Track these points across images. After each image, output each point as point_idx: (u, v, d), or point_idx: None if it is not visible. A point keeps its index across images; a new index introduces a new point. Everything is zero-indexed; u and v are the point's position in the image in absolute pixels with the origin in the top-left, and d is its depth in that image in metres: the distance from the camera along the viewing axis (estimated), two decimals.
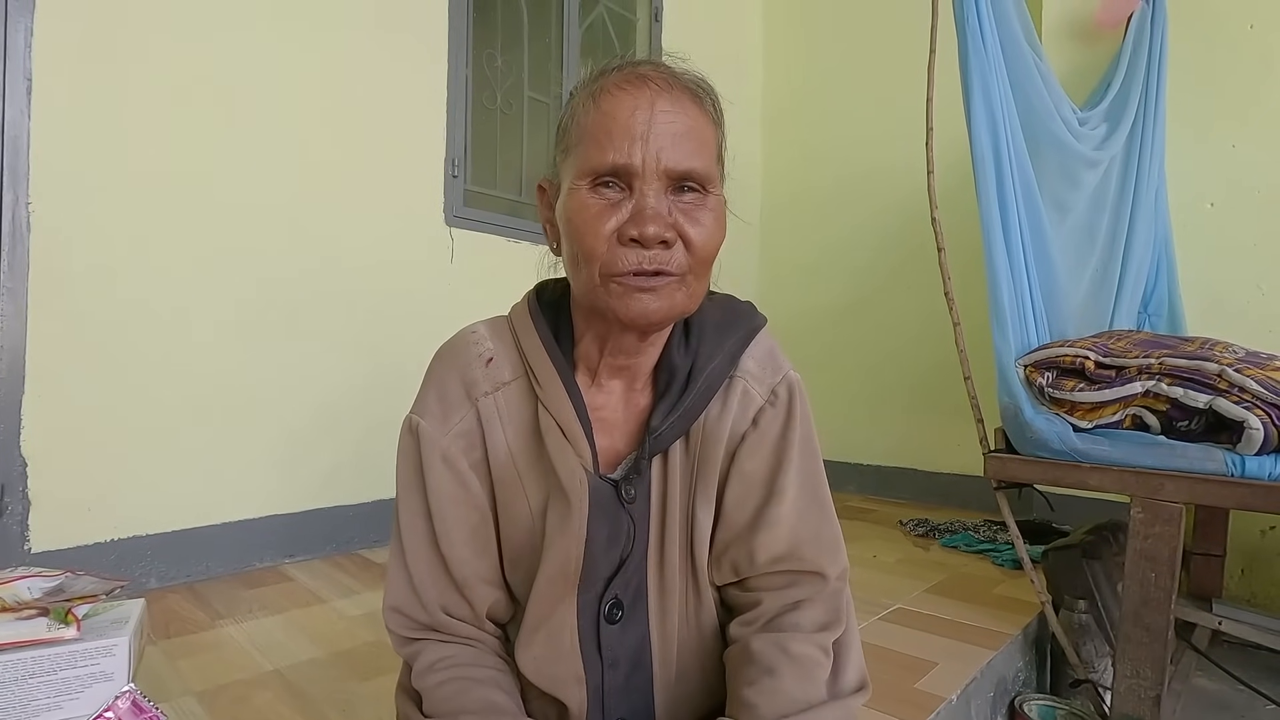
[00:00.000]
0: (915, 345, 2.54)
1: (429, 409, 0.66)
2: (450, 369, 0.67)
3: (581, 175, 0.58)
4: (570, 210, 0.58)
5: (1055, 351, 1.26)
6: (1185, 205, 1.95)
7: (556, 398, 0.64)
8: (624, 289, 0.57)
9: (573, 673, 0.67)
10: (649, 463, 0.66)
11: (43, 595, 0.92)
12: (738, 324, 0.70)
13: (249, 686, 1.06)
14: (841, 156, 2.78)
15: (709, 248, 0.59)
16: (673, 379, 0.66)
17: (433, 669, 0.64)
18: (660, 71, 0.59)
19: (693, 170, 0.57)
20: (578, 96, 0.61)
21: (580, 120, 0.59)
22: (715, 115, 0.62)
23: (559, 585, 0.65)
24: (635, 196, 0.56)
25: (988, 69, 1.28)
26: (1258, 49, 1.87)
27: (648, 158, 0.56)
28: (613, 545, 0.66)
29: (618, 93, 0.58)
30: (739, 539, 0.68)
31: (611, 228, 0.56)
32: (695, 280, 0.60)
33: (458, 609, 0.67)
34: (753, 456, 0.68)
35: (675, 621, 0.69)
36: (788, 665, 0.62)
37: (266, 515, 1.65)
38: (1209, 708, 1.36)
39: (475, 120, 2.09)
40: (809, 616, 0.66)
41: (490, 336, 0.68)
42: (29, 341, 1.32)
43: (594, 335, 0.65)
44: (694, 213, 0.58)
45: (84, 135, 1.37)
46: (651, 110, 0.56)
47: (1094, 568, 1.40)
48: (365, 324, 1.81)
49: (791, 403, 0.69)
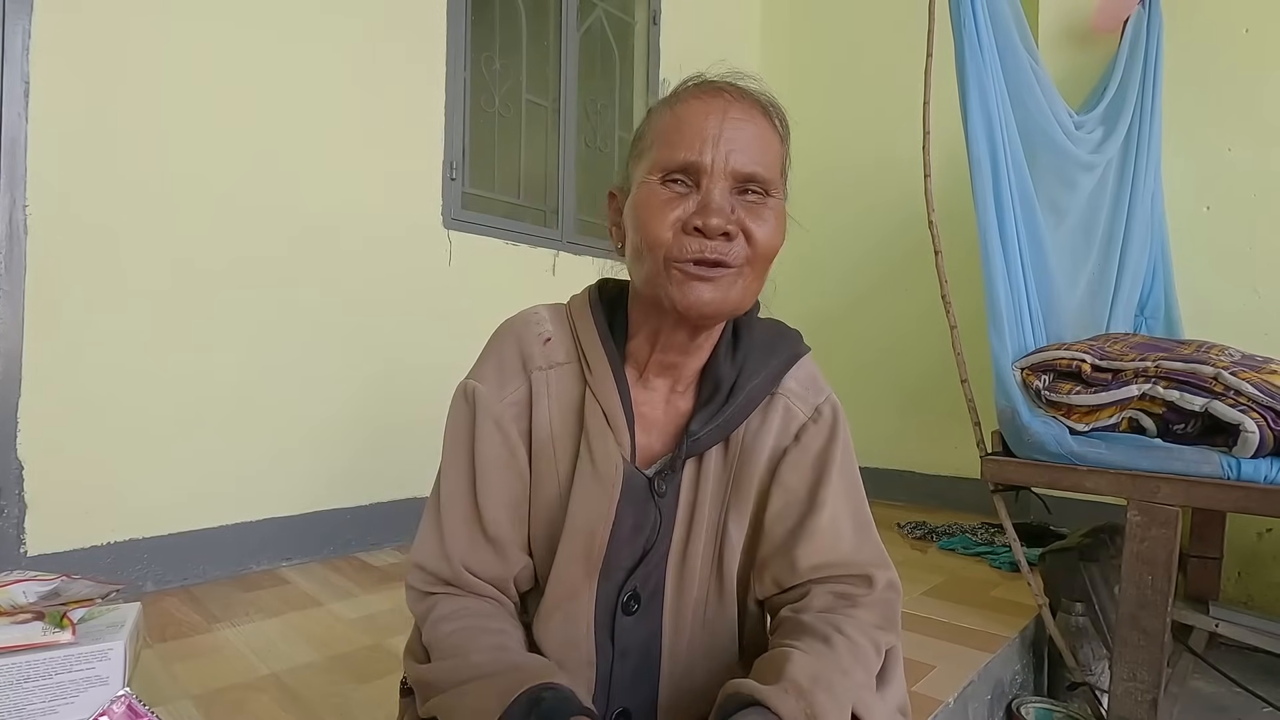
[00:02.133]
0: (912, 348, 2.54)
1: (487, 375, 0.69)
2: (511, 341, 0.70)
3: (654, 170, 0.61)
4: (639, 201, 0.62)
5: (1052, 354, 1.27)
6: (1181, 209, 1.96)
7: (605, 385, 0.67)
8: (684, 275, 0.60)
9: (585, 658, 0.68)
10: (683, 464, 0.68)
11: (38, 599, 0.92)
12: (784, 346, 0.73)
13: (245, 690, 1.06)
14: (839, 159, 2.79)
15: (770, 244, 0.62)
16: (717, 388, 0.69)
17: (446, 619, 0.65)
18: (734, 83, 0.64)
19: (757, 173, 0.61)
20: (655, 108, 0.66)
21: (656, 125, 0.64)
22: (782, 131, 0.66)
23: (580, 567, 0.67)
24: (702, 193, 0.60)
25: (984, 73, 1.29)
26: (1253, 53, 1.88)
27: (717, 157, 0.60)
28: (637, 534, 0.67)
29: (693, 100, 0.62)
30: (779, 551, 0.69)
31: (677, 216, 0.60)
32: (752, 275, 0.63)
33: (484, 568, 0.68)
34: (794, 471, 0.70)
35: (689, 620, 0.70)
36: (843, 642, 0.61)
37: (263, 518, 1.64)
38: (1206, 710, 1.36)
39: (473, 123, 2.09)
40: (862, 613, 0.65)
41: (550, 319, 0.71)
42: (25, 344, 1.32)
43: (648, 330, 0.68)
44: (757, 210, 0.61)
45: (81, 138, 1.37)
46: (724, 116, 0.61)
47: (1091, 570, 1.40)
48: (362, 326, 1.81)
49: (835, 422, 0.71)
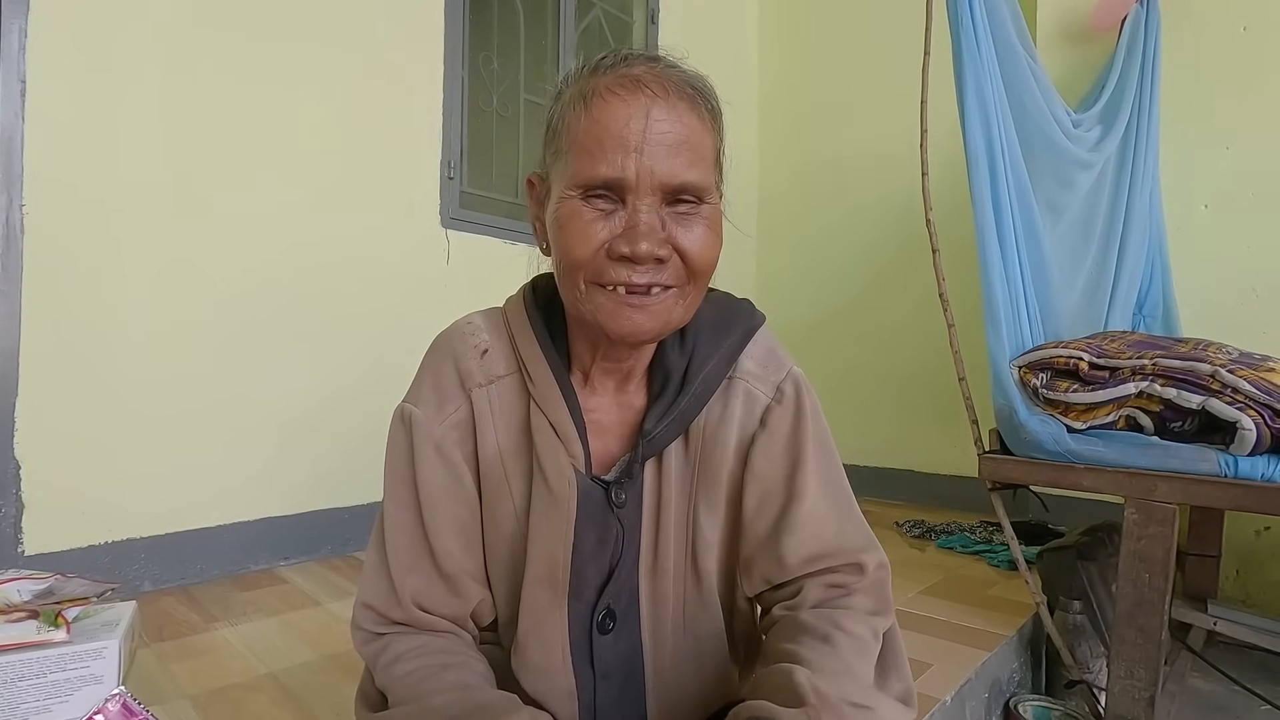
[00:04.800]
0: (910, 346, 2.54)
1: (423, 398, 0.64)
2: (446, 358, 0.65)
3: (573, 186, 0.55)
4: (561, 219, 0.56)
5: (1049, 353, 1.27)
6: (1180, 207, 1.96)
7: (550, 396, 0.62)
8: (614, 304, 0.55)
9: (565, 687, 0.64)
10: (642, 466, 0.64)
11: (32, 598, 0.92)
12: (734, 323, 0.68)
13: (243, 690, 1.06)
14: (838, 157, 2.79)
15: (705, 259, 0.57)
16: (668, 381, 0.64)
17: (401, 659, 0.60)
18: (655, 74, 0.56)
19: (688, 183, 0.55)
20: (567, 93, 0.58)
21: (571, 125, 0.56)
22: (713, 120, 0.59)
23: (547, 592, 0.63)
24: (628, 210, 0.54)
25: (982, 71, 1.29)
26: (1251, 51, 1.88)
27: (641, 171, 0.53)
28: (601, 550, 0.64)
29: (610, 99, 0.54)
30: (765, 547, 0.66)
31: (602, 239, 0.54)
32: (693, 292, 0.59)
33: (438, 605, 0.63)
34: (766, 458, 0.66)
35: (669, 629, 0.67)
36: (844, 638, 0.59)
37: (260, 518, 1.64)
38: (1204, 708, 1.36)
39: (471, 122, 2.09)
40: (856, 601, 0.64)
41: (486, 328, 0.66)
42: (22, 344, 1.31)
43: (585, 340, 0.64)
44: (689, 223, 0.56)
45: (78, 138, 1.37)
46: (646, 120, 0.53)
47: (1089, 569, 1.40)
48: (360, 326, 1.81)
49: (799, 399, 0.67)
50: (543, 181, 0.62)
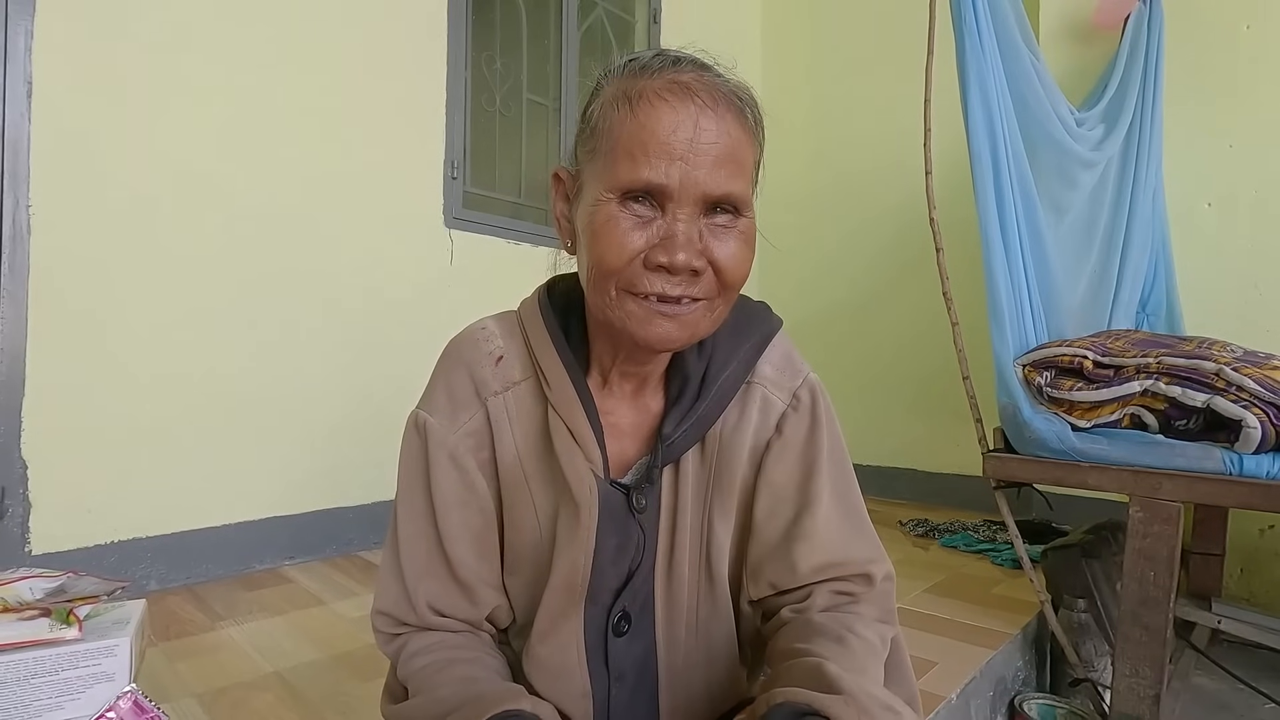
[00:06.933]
0: (914, 345, 2.54)
1: (437, 406, 0.63)
2: (459, 365, 0.64)
3: (612, 188, 0.54)
4: (596, 223, 0.54)
5: (1053, 351, 1.27)
6: (1183, 205, 1.96)
7: (567, 400, 0.62)
8: (645, 312, 0.55)
9: (580, 688, 0.65)
10: (660, 472, 0.64)
11: (44, 596, 0.92)
12: (752, 328, 0.67)
13: (249, 688, 1.06)
14: (842, 158, 2.79)
15: (739, 274, 0.57)
16: (686, 385, 0.64)
17: (419, 653, 0.62)
18: (705, 82, 0.55)
19: (730, 194, 0.54)
20: (608, 90, 0.57)
21: (614, 126, 0.55)
22: (756, 130, 0.59)
23: (565, 597, 0.63)
24: (667, 219, 0.53)
25: (985, 70, 1.29)
26: (1254, 49, 1.88)
27: (685, 180, 0.52)
28: (621, 556, 0.64)
29: (659, 104, 0.53)
30: (775, 553, 0.65)
31: (639, 247, 0.53)
32: (722, 305, 0.58)
33: (454, 611, 0.65)
34: (781, 465, 0.66)
35: (682, 632, 0.67)
36: (857, 641, 0.59)
37: (266, 517, 1.65)
38: (1209, 707, 1.36)
39: (474, 122, 2.09)
40: (864, 609, 0.64)
41: (500, 333, 0.65)
42: (29, 344, 1.32)
43: (606, 343, 0.63)
44: (725, 236, 0.56)
45: (85, 138, 1.38)
46: (694, 129, 0.52)
47: (1093, 567, 1.40)
48: (364, 325, 1.81)
49: (815, 407, 0.67)
50: (573, 178, 0.60)
